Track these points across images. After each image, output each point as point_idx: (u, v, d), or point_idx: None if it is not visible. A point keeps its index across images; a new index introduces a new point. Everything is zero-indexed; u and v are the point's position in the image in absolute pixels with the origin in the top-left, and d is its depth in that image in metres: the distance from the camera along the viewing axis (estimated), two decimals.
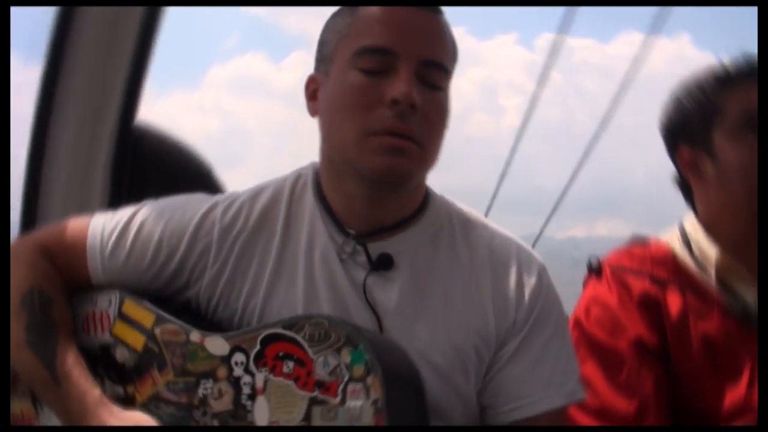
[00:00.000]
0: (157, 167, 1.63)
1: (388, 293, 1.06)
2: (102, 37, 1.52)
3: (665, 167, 1.52)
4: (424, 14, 1.06)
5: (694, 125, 1.39)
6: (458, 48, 1.11)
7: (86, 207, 1.32)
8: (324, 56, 1.09)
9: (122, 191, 1.56)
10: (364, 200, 1.07)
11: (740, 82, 1.37)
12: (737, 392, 1.28)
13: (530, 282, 1.11)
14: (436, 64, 1.04)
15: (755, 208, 1.34)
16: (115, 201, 1.55)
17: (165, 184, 1.56)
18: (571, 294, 1.24)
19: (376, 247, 1.08)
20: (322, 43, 1.11)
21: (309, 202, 1.11)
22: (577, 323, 1.39)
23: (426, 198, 1.15)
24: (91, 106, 1.53)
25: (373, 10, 1.05)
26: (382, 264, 1.07)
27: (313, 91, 1.12)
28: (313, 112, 1.12)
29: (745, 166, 1.33)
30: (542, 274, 1.13)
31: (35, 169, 1.48)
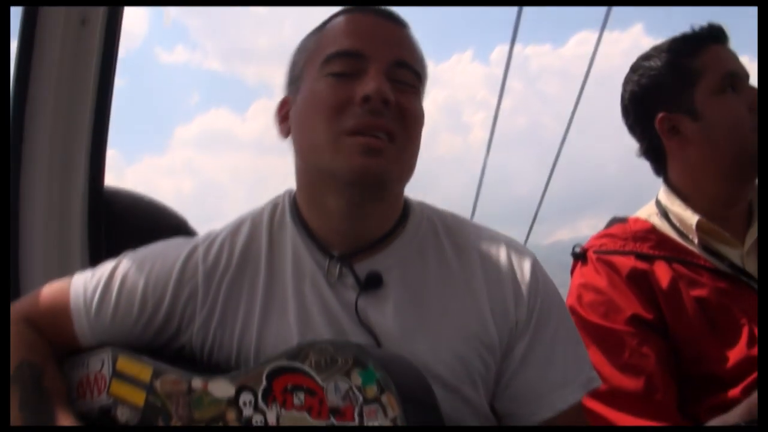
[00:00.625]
0: (131, 227, 1.62)
1: (383, 312, 1.03)
2: (61, 99, 1.54)
3: (634, 155, 1.55)
4: (391, 23, 1.06)
5: (671, 90, 1.41)
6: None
7: (66, 272, 1.30)
8: (293, 77, 1.09)
9: (100, 254, 1.54)
10: (345, 215, 1.04)
11: (712, 44, 1.41)
12: (738, 351, 1.29)
13: (525, 278, 1.07)
14: (406, 65, 1.03)
15: (741, 163, 1.38)
16: (94, 264, 1.54)
17: (141, 241, 1.56)
18: (564, 296, 1.23)
19: (363, 266, 1.05)
20: (292, 66, 1.11)
21: (289, 228, 1.08)
22: (572, 311, 1.38)
23: (406, 208, 1.12)
24: (57, 169, 1.53)
25: (339, 23, 1.06)
26: (372, 283, 1.04)
27: (284, 113, 1.11)
28: (285, 132, 1.10)
29: (730, 120, 1.37)
30: (536, 267, 1.10)
31: (10, 239, 1.47)
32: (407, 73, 1.03)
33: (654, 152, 1.49)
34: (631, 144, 1.54)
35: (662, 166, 1.50)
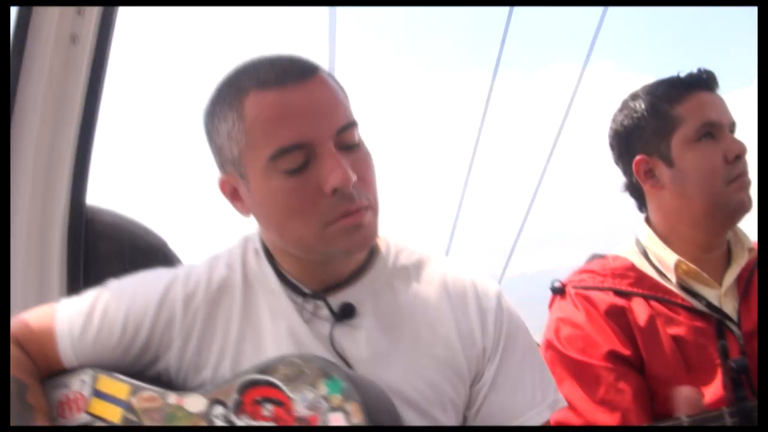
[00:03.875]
0: (111, 246, 1.62)
1: (356, 341, 1.07)
2: (46, 114, 1.53)
3: (603, 193, 1.56)
4: (309, 84, 1.01)
5: (650, 134, 1.43)
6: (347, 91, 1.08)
7: (45, 289, 1.30)
8: (228, 160, 1.05)
9: (79, 271, 1.54)
10: (317, 264, 1.08)
11: (696, 92, 1.42)
12: (714, 391, 1.30)
13: (491, 307, 1.12)
14: (348, 125, 1.02)
15: (713, 214, 1.39)
16: (73, 281, 1.53)
17: (121, 260, 1.55)
18: (530, 327, 1.26)
19: (336, 299, 1.08)
20: (219, 149, 1.06)
21: (263, 268, 1.11)
22: (550, 345, 1.39)
23: (374, 245, 1.14)
24: (39, 185, 1.52)
25: (264, 109, 0.99)
26: (346, 313, 1.07)
27: (232, 191, 1.08)
28: (245, 212, 1.09)
29: (702, 172, 1.38)
30: (500, 298, 1.14)
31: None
32: (350, 132, 1.02)
33: (635, 190, 1.51)
34: (588, 181, 1.56)
35: (642, 204, 1.52)
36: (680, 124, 1.40)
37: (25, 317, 1.15)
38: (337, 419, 0.89)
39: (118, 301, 1.10)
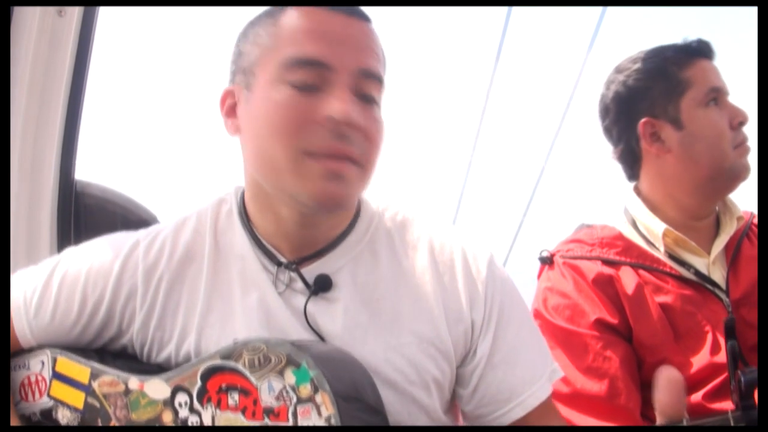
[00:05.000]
0: (101, 220, 1.62)
1: (332, 316, 0.99)
2: (33, 89, 1.53)
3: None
4: (356, 22, 0.97)
5: (658, 95, 1.42)
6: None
7: (34, 265, 1.28)
8: (242, 68, 0.99)
9: (69, 246, 1.54)
10: (297, 224, 0.99)
11: (701, 59, 1.42)
12: (701, 358, 1.30)
13: (481, 276, 1.03)
14: (372, 75, 0.96)
15: (716, 178, 1.39)
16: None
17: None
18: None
19: (312, 270, 1.01)
20: (239, 54, 1.01)
21: (237, 231, 1.04)
22: (537, 314, 1.39)
23: (357, 206, 1.08)
24: (27, 160, 1.52)
25: (300, 19, 0.95)
26: (321, 286, 1.00)
27: (230, 106, 1.02)
28: (233, 130, 1.02)
29: (712, 134, 1.38)
30: (492, 264, 1.05)
31: None
32: (373, 84, 0.96)
33: (630, 156, 1.50)
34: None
35: (635, 172, 1.50)
36: (689, 88, 1.40)
37: None
38: (306, 411, 0.85)
39: (75, 273, 1.03)
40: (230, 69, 1.03)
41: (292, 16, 0.96)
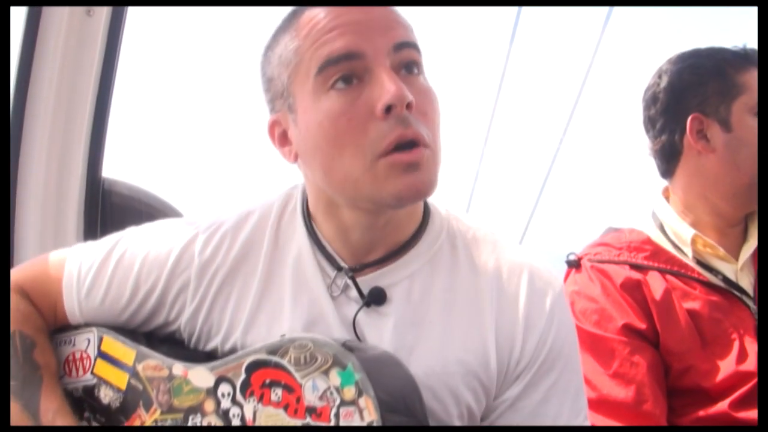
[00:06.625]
0: (127, 218, 1.63)
1: (380, 330, 0.97)
2: (62, 86, 1.54)
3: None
4: (372, 6, 0.93)
5: (711, 93, 1.40)
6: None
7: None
8: (278, 93, 0.97)
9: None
10: (363, 229, 0.97)
11: (753, 67, 1.40)
12: (728, 365, 1.29)
13: (542, 315, 0.98)
14: (406, 44, 0.91)
15: (750, 187, 1.36)
16: None
17: None
18: None
19: (368, 280, 0.99)
20: (269, 81, 0.98)
21: (298, 231, 1.03)
22: None
23: (426, 215, 1.04)
24: (55, 157, 1.53)
25: (317, 21, 0.91)
26: (374, 299, 0.97)
27: (281, 135, 0.99)
28: (292, 157, 0.99)
29: (758, 143, 1.35)
30: (556, 304, 1.00)
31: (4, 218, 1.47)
32: (410, 52, 0.91)
33: (670, 150, 1.46)
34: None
35: (671, 168, 1.47)
36: (743, 93, 1.38)
37: (35, 264, 1.09)
38: (349, 414, 0.84)
39: (131, 258, 1.04)
40: (266, 99, 1.01)
41: (307, 22, 0.93)
